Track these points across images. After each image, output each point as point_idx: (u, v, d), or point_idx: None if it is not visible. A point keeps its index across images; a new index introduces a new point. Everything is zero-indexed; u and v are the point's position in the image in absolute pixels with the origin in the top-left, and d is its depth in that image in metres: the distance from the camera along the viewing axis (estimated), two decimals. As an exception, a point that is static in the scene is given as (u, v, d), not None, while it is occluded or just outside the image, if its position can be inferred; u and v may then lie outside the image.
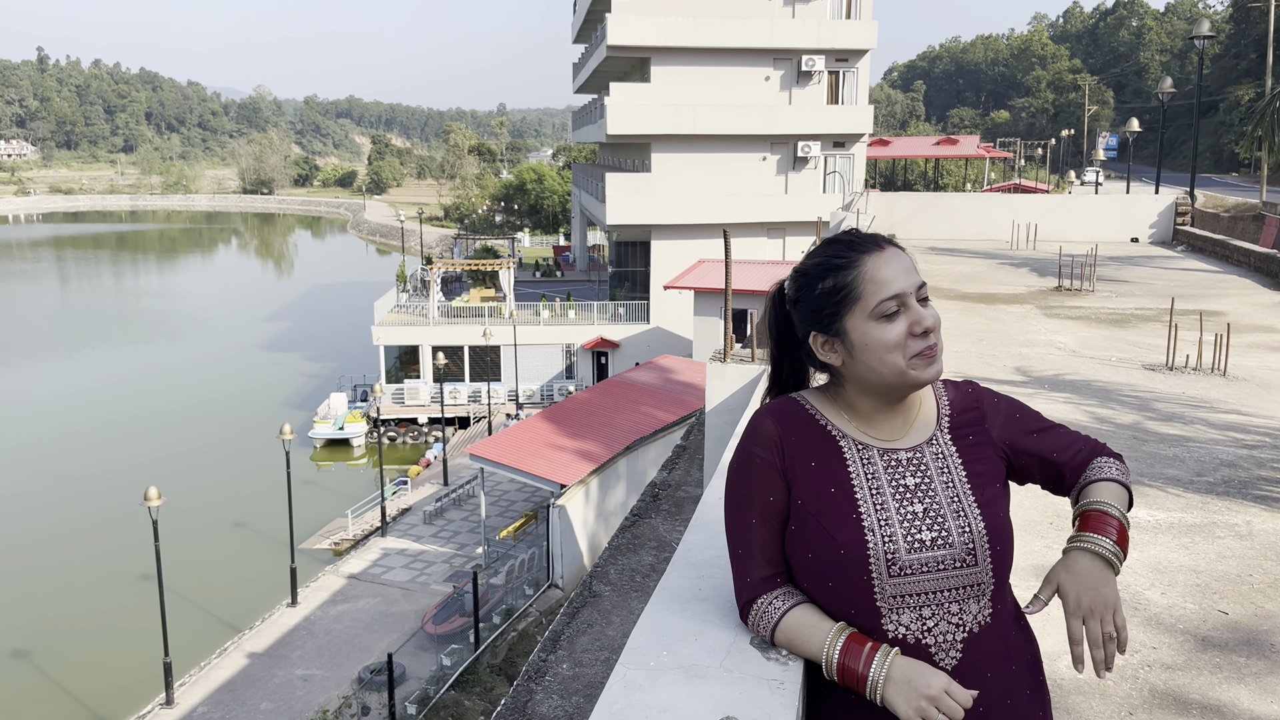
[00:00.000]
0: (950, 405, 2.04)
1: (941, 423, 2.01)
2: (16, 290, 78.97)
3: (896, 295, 1.89)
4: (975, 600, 1.90)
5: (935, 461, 1.96)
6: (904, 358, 1.88)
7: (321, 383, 47.32)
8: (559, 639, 4.99)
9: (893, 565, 1.86)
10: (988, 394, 2.09)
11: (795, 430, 1.97)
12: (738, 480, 1.99)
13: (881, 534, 1.87)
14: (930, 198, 21.77)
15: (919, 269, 1.97)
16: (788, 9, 41.03)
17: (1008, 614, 1.96)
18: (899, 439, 1.98)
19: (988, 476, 1.97)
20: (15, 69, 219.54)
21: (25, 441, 38.79)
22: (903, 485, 1.93)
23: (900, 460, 1.95)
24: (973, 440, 2.01)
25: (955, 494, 1.92)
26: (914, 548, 1.87)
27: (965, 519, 1.90)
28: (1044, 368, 8.76)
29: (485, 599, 23.13)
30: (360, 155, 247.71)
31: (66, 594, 26.19)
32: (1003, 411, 2.06)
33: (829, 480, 1.93)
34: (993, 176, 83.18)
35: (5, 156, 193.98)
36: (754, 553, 1.96)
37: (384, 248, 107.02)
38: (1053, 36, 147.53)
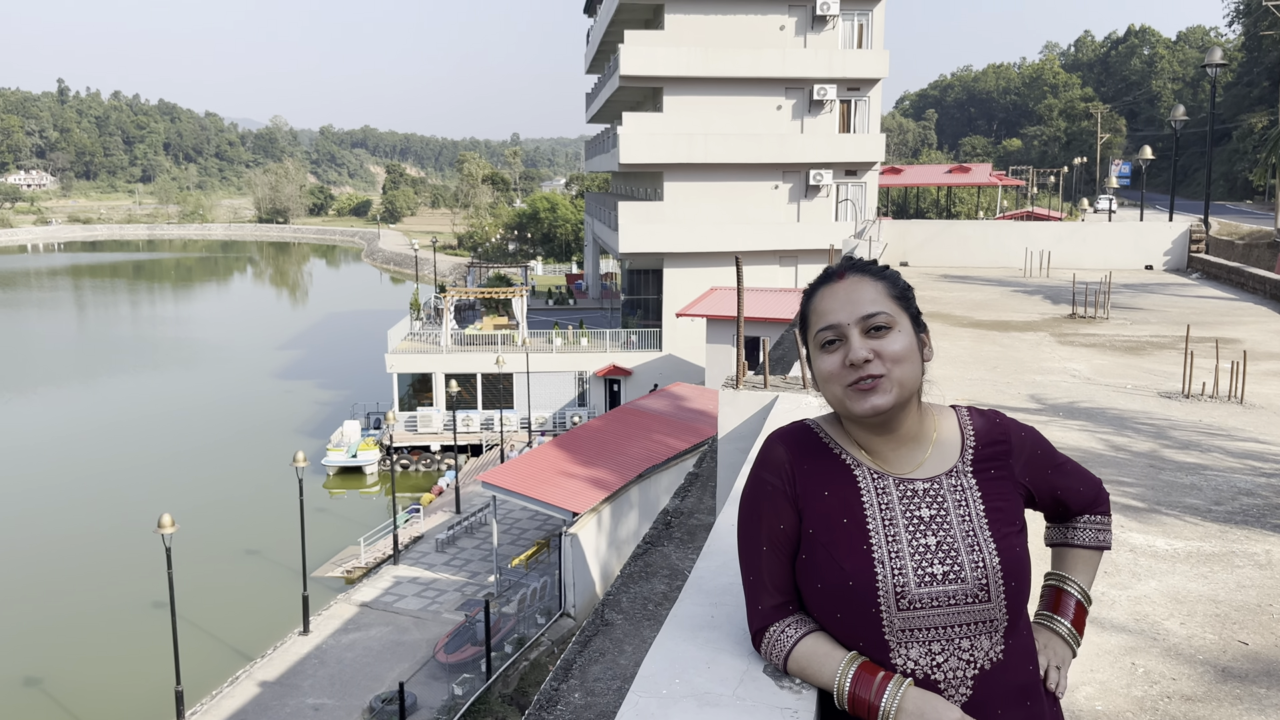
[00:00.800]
0: (976, 437, 2.01)
1: (965, 455, 1.98)
2: (35, 318, 79.68)
3: (831, 326, 1.91)
4: (987, 636, 1.87)
5: (953, 494, 1.93)
6: (840, 388, 1.90)
7: (335, 410, 47.46)
8: (570, 668, 4.96)
9: (901, 598, 1.83)
10: (1014, 427, 2.06)
11: (808, 458, 1.96)
12: (749, 507, 1.98)
13: (891, 566, 1.85)
14: (942, 225, 21.77)
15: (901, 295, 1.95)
16: (799, 39, 41.32)
17: (1022, 650, 1.93)
18: (915, 469, 1.96)
19: (1007, 512, 1.95)
20: (36, 100, 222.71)
21: (41, 468, 38.96)
22: (917, 517, 1.90)
23: (916, 491, 1.93)
24: (994, 474, 1.98)
25: (971, 528, 1.89)
26: (924, 581, 1.84)
27: (980, 554, 1.87)
28: (1058, 395, 8.71)
29: (497, 628, 23.03)
30: (375, 185, 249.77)
31: (80, 620, 26.19)
32: (1027, 448, 2.05)
33: (841, 510, 1.91)
34: (1005, 204, 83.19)
35: (25, 187, 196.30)
36: (765, 580, 1.95)
37: (398, 276, 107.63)
38: (1064, 65, 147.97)
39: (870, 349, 1.87)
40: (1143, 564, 4.98)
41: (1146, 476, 6.39)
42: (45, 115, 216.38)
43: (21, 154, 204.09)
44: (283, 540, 30.09)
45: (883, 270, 1.98)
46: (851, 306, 1.90)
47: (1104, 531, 2.21)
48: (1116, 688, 3.79)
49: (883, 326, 1.89)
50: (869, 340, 1.88)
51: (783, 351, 10.20)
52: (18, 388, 53.22)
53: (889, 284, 1.95)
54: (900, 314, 1.92)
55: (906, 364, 1.89)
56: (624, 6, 42.50)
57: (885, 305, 1.91)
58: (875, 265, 1.99)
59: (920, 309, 2.01)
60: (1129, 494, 6.00)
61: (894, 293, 1.94)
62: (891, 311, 1.91)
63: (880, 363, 1.87)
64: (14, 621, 25.90)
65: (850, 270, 1.95)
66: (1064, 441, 7.00)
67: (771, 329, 27.86)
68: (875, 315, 1.89)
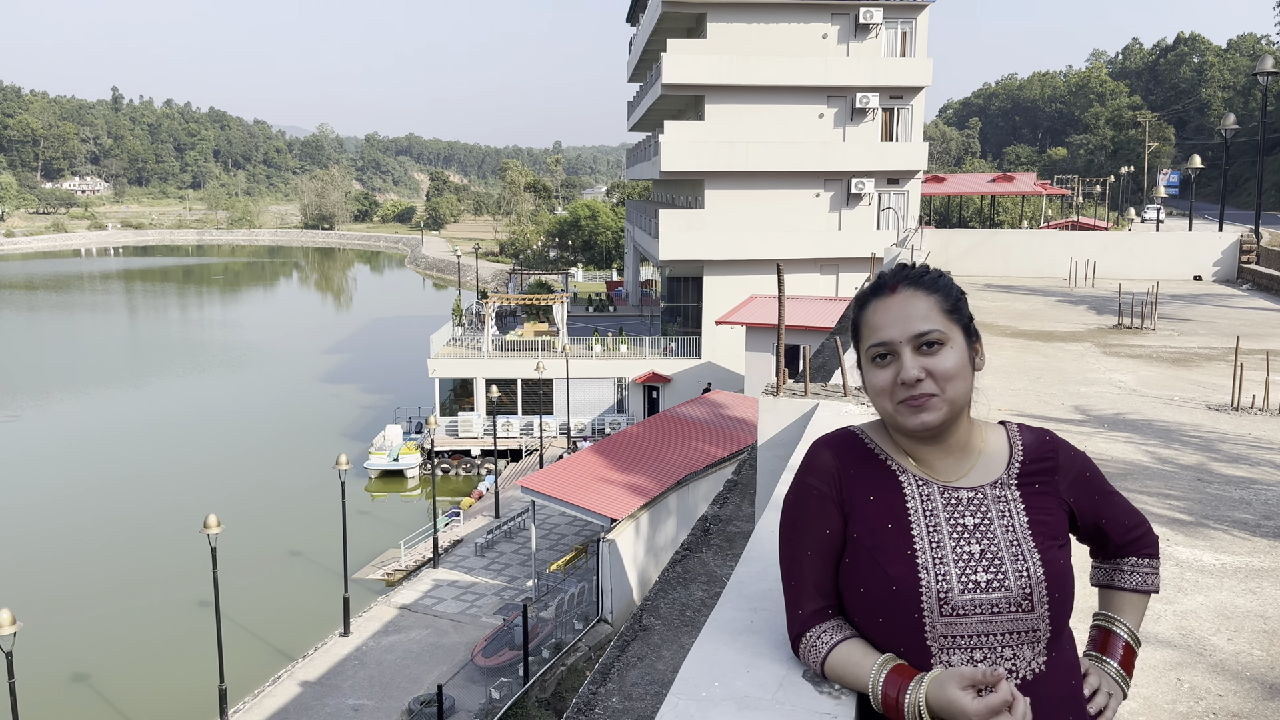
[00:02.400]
0: (1024, 452, 2.01)
1: (1011, 467, 1.99)
2: (87, 320, 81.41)
3: (884, 343, 1.91)
4: (1029, 647, 1.87)
5: (997, 504, 1.93)
6: (891, 403, 1.91)
7: (378, 414, 47.97)
8: (609, 672, 4.99)
9: (945, 604, 1.84)
10: (1064, 447, 2.06)
11: (854, 463, 1.97)
12: (793, 511, 1.99)
13: (935, 572, 1.85)
14: (986, 234, 21.56)
15: (953, 308, 1.94)
16: (842, 47, 41.18)
17: (1065, 663, 1.92)
18: (961, 478, 1.96)
19: (1050, 526, 1.94)
20: (91, 108, 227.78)
21: (90, 468, 39.77)
22: (961, 524, 1.91)
23: (961, 499, 1.93)
24: (1039, 489, 1.98)
25: (1015, 538, 1.90)
26: (968, 588, 1.85)
27: (1024, 564, 1.87)
28: (1103, 406, 8.60)
29: (535, 632, 23.12)
30: (419, 191, 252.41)
31: (127, 619, 26.69)
32: (1075, 469, 2.04)
33: (887, 516, 1.92)
34: (1050, 214, 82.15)
35: (80, 192, 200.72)
36: (807, 585, 1.96)
37: (440, 282, 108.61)
38: (1112, 73, 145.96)
39: (922, 367, 1.88)
40: (1190, 578, 4.91)
41: (1194, 490, 6.29)
42: (100, 123, 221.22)
43: (76, 160, 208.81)
44: (325, 542, 30.44)
45: (935, 281, 1.96)
46: (904, 324, 1.90)
47: (1152, 575, 2.18)
48: (1161, 703, 3.74)
49: (935, 343, 1.89)
50: (920, 358, 1.89)
51: (823, 359, 10.17)
52: (70, 388, 54.39)
53: (942, 296, 1.94)
54: (953, 327, 1.92)
55: (958, 380, 1.89)
56: (666, 16, 42.63)
57: (937, 321, 1.90)
58: (928, 275, 1.97)
59: (971, 317, 2.00)
60: (1176, 507, 5.91)
61: (946, 306, 1.93)
62: (944, 327, 1.90)
63: (932, 381, 1.88)
64: (63, 619, 26.43)
65: (903, 283, 1.95)
66: (1109, 454, 6.92)
67: (812, 337, 27.75)
68: (928, 333, 1.89)
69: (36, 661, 23.33)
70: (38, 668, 23.23)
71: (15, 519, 33.98)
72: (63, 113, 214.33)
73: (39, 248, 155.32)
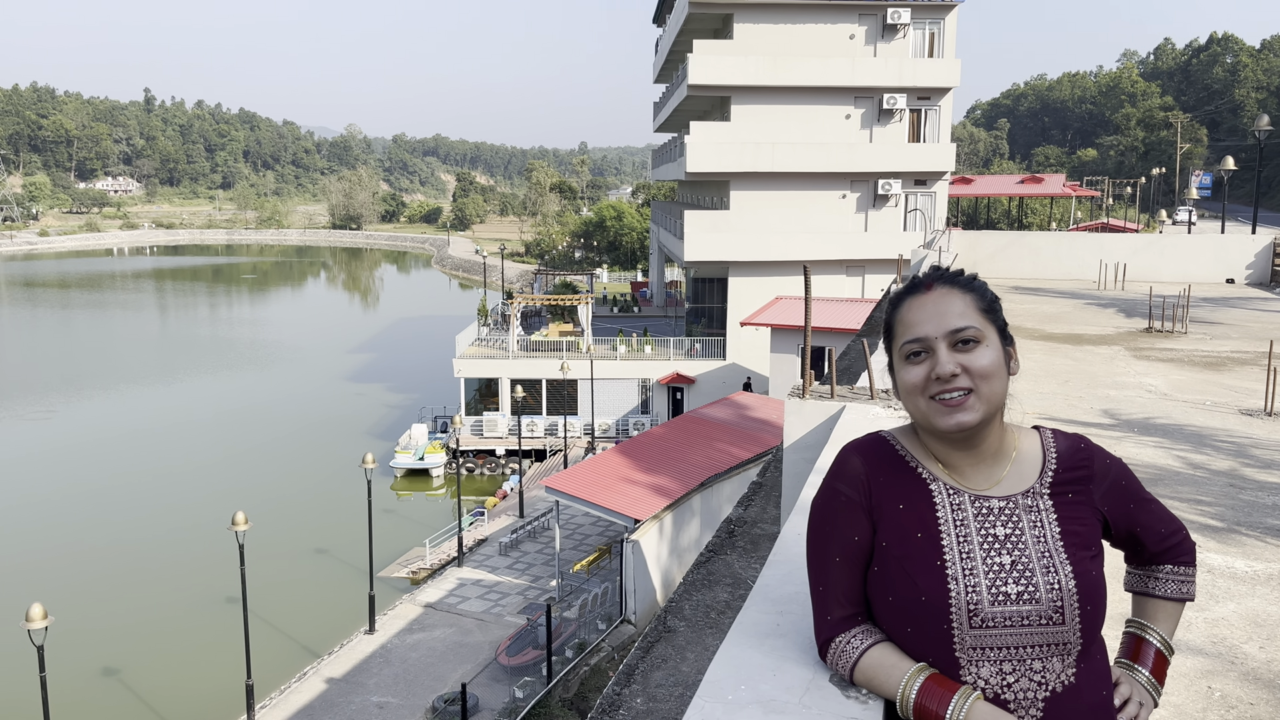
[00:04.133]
0: (1058, 459, 1.98)
1: (1044, 476, 1.96)
2: (119, 318, 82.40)
3: (919, 339, 1.88)
4: (1060, 659, 1.85)
5: (1029, 514, 1.91)
6: (924, 401, 1.88)
7: (403, 413, 48.24)
8: (633, 673, 4.99)
9: (974, 616, 1.82)
10: (1100, 454, 2.02)
11: (883, 470, 1.95)
12: (821, 517, 1.97)
13: (965, 583, 1.83)
14: (1014, 236, 21.38)
15: (989, 308, 1.92)
16: (869, 48, 40.99)
17: (1096, 675, 1.90)
18: (992, 487, 1.94)
19: (1083, 537, 1.92)
20: (124, 109, 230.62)
21: (121, 464, 40.24)
22: (992, 535, 1.88)
23: (992, 509, 1.91)
24: (1072, 499, 1.95)
25: (1046, 549, 1.87)
26: (998, 600, 1.83)
27: (1055, 575, 1.85)
28: (1133, 411, 8.51)
29: (558, 632, 23.16)
30: (445, 192, 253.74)
31: (156, 614, 26.99)
32: (1110, 476, 2.00)
33: (916, 524, 1.90)
34: (1079, 215, 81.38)
35: (113, 192, 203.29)
36: (835, 591, 1.95)
37: (466, 282, 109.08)
38: (1143, 74, 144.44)
39: (958, 363, 1.86)
40: (1221, 585, 4.85)
41: (1226, 496, 6.21)
42: (132, 124, 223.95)
43: (109, 161, 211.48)
44: (351, 540, 30.66)
45: (971, 281, 1.95)
46: (940, 319, 1.88)
47: (1187, 583, 2.14)
48: (1192, 712, 3.70)
49: (971, 340, 1.87)
50: (956, 354, 1.86)
51: (849, 362, 10.12)
52: (102, 385, 55.08)
53: (978, 296, 1.92)
54: (988, 327, 1.90)
55: (994, 379, 1.87)
56: (693, 17, 42.60)
57: (974, 319, 1.88)
58: (963, 276, 1.96)
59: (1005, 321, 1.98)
60: (1207, 513, 5.84)
61: (982, 305, 1.91)
62: (980, 325, 1.88)
63: (968, 377, 1.85)
64: (93, 613, 26.76)
65: (939, 281, 1.93)
66: (1139, 459, 6.85)
67: (838, 339, 27.62)
68: (964, 329, 1.87)
69: (66, 655, 23.64)
70: (68, 661, 23.54)
71: (47, 513, 34.45)
72: (96, 114, 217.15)
73: (72, 247, 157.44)
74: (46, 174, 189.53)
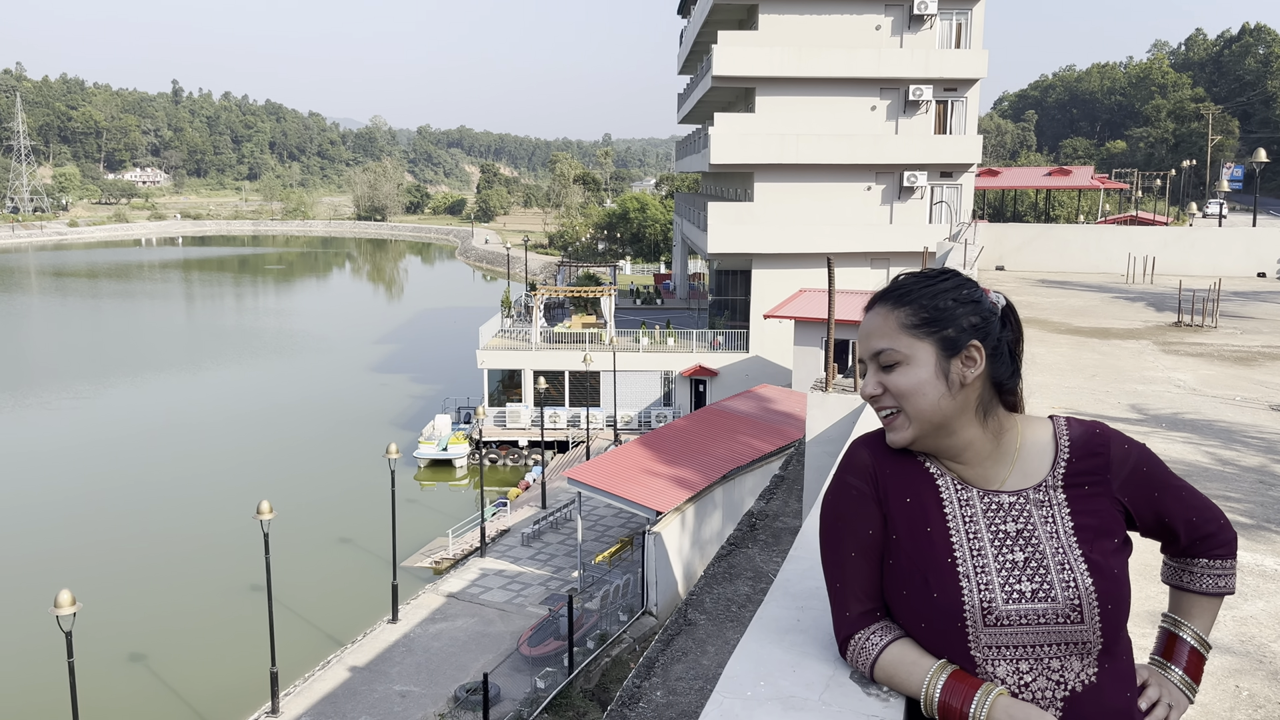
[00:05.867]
0: (1070, 449, 1.92)
1: (1057, 468, 1.91)
2: (146, 309, 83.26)
3: (860, 359, 1.96)
4: (1079, 658, 1.81)
5: (1040, 510, 1.87)
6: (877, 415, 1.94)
7: (427, 404, 48.48)
8: (653, 666, 4.99)
9: (988, 614, 1.79)
10: (1117, 440, 1.94)
11: (890, 463, 1.93)
12: (834, 512, 1.95)
13: (977, 581, 1.80)
14: (1041, 229, 21.18)
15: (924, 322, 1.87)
16: (895, 39, 40.68)
17: (1119, 675, 1.85)
18: (1001, 482, 1.90)
19: (1099, 531, 1.86)
20: (152, 101, 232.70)
21: (147, 453, 40.69)
22: (1002, 531, 1.85)
23: (1002, 505, 1.88)
24: (1088, 490, 1.89)
25: (1060, 545, 1.83)
26: (1012, 598, 1.79)
27: (1070, 573, 1.80)
28: (1161, 406, 8.41)
29: (580, 623, 23.23)
30: (470, 184, 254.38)
31: (181, 600, 27.30)
32: (1130, 463, 1.92)
33: (923, 519, 1.87)
34: (1107, 208, 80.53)
35: (141, 184, 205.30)
36: (853, 587, 1.92)
37: (490, 274, 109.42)
38: (1174, 64, 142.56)
39: (878, 383, 1.90)
40: (1250, 583, 4.78)
41: (1255, 493, 6.13)
42: (160, 115, 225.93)
43: (138, 152, 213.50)
44: (374, 529, 30.87)
45: (906, 295, 1.90)
46: (865, 340, 1.93)
47: (1225, 576, 2.04)
48: (1219, 711, 3.66)
49: (890, 364, 1.89)
50: (881, 374, 1.90)
51: (873, 355, 10.07)
52: (129, 374, 55.69)
53: (911, 311, 1.88)
54: (917, 344, 1.86)
55: (915, 398, 1.85)
56: (718, 7, 42.43)
57: (895, 339, 1.88)
58: (901, 290, 1.92)
59: (973, 324, 1.87)
60: (1236, 510, 5.77)
61: (913, 321, 1.87)
62: (902, 345, 1.87)
63: (890, 397, 1.89)
64: (119, 600, 27.10)
65: (879, 300, 1.95)
66: (1167, 454, 6.77)
67: (861, 332, 27.48)
68: (882, 352, 1.90)
69: (94, 641, 23.95)
70: (95, 647, 23.85)
71: (75, 501, 34.89)
72: (125, 105, 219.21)
73: (101, 237, 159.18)
74: (76, 165, 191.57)
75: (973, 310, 1.89)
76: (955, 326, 1.87)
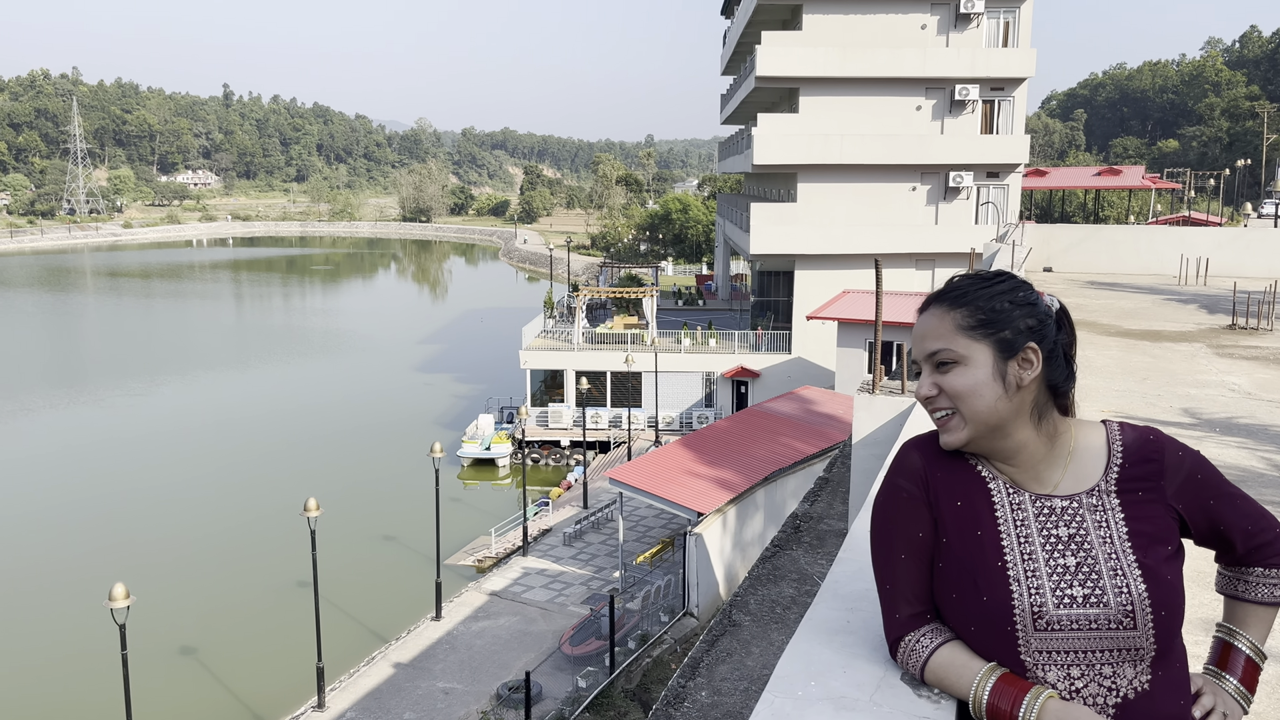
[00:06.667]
0: (1124, 454, 1.91)
1: (1110, 473, 1.90)
2: (196, 308, 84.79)
3: (915, 360, 1.96)
4: (1131, 665, 1.80)
5: (1093, 514, 1.86)
6: (930, 417, 1.94)
7: (471, 404, 48.87)
8: (698, 666, 5.01)
9: (1039, 619, 1.79)
10: (1171, 447, 1.93)
11: (942, 465, 1.93)
12: (884, 514, 1.96)
13: (1028, 585, 1.80)
14: (1090, 230, 20.86)
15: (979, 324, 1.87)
16: (941, 38, 40.29)
17: (1172, 682, 1.84)
18: (1053, 486, 1.90)
19: (1153, 537, 1.85)
20: (203, 104, 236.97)
21: (197, 450, 41.43)
22: (1054, 536, 1.84)
23: (1054, 509, 1.87)
24: (1142, 496, 1.88)
25: (1113, 551, 1.82)
26: (1063, 603, 1.79)
27: (1124, 579, 1.79)
28: (1215, 410, 8.27)
29: (621, 623, 23.29)
30: (513, 185, 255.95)
31: (231, 595, 27.77)
32: (1184, 470, 1.91)
33: (974, 523, 1.87)
34: (1159, 209, 79.06)
35: (192, 186, 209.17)
36: (903, 589, 1.93)
37: (533, 275, 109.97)
38: (1228, 62, 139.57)
39: (933, 383, 1.90)
40: (1306, 592, 4.69)
41: (1312, 500, 6.00)
42: (212, 118, 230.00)
43: (190, 155, 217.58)
44: (418, 527, 31.18)
45: (963, 296, 1.90)
46: (920, 341, 1.93)
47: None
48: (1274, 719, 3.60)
49: (946, 363, 1.88)
50: (936, 375, 1.90)
51: (918, 358, 10.00)
52: (179, 372, 56.74)
53: (967, 313, 1.88)
54: (974, 345, 1.86)
55: (971, 399, 1.84)
56: (762, 8, 42.30)
57: (953, 340, 1.87)
58: (957, 291, 1.92)
59: (1030, 326, 1.87)
60: (1292, 518, 5.65)
61: (969, 323, 1.87)
62: (959, 346, 1.86)
63: (945, 398, 1.88)
64: (170, 594, 27.62)
65: (935, 301, 1.94)
66: (1220, 459, 6.66)
67: (907, 333, 27.26)
68: (938, 352, 1.89)
69: (145, 633, 24.44)
70: (146, 639, 24.33)
71: (126, 496, 35.63)
72: (178, 109, 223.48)
73: (154, 238, 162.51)
74: (130, 168, 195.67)
75: (1029, 313, 1.88)
76: (1012, 329, 1.87)
